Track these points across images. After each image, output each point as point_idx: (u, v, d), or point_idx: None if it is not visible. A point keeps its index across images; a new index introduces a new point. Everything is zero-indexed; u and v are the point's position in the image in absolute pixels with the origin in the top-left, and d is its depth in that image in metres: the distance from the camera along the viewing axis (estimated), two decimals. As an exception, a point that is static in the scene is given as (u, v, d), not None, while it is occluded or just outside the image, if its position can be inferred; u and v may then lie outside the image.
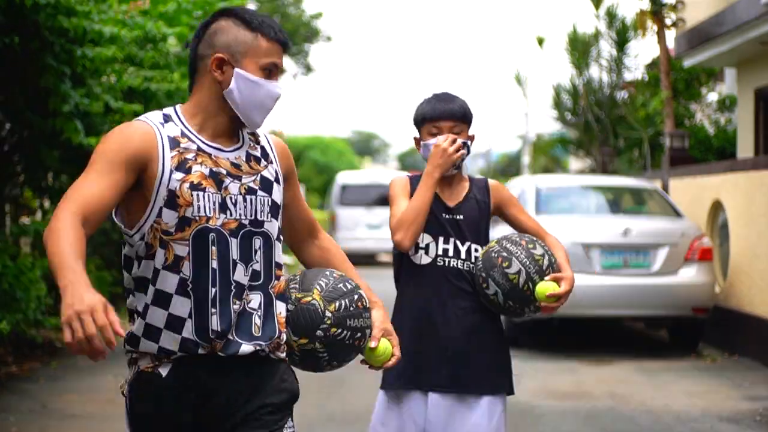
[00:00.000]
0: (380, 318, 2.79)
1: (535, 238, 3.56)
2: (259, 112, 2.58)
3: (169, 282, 2.51)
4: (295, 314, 2.66)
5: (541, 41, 20.14)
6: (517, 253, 3.46)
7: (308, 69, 26.95)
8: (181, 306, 2.50)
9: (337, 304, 2.65)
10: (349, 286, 2.69)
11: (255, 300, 2.57)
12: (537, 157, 28.61)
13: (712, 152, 13.94)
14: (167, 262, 2.50)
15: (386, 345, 2.80)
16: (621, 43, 17.19)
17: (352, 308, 2.66)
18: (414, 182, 3.67)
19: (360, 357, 2.84)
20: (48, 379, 7.88)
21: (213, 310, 2.49)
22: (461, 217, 3.60)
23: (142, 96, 8.49)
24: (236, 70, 2.53)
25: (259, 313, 2.56)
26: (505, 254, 3.46)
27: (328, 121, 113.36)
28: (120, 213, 2.56)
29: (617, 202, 10.62)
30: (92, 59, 7.34)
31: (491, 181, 3.75)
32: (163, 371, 2.52)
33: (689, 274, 9.31)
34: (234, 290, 2.52)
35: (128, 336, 2.58)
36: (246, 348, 2.53)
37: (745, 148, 12.76)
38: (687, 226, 9.60)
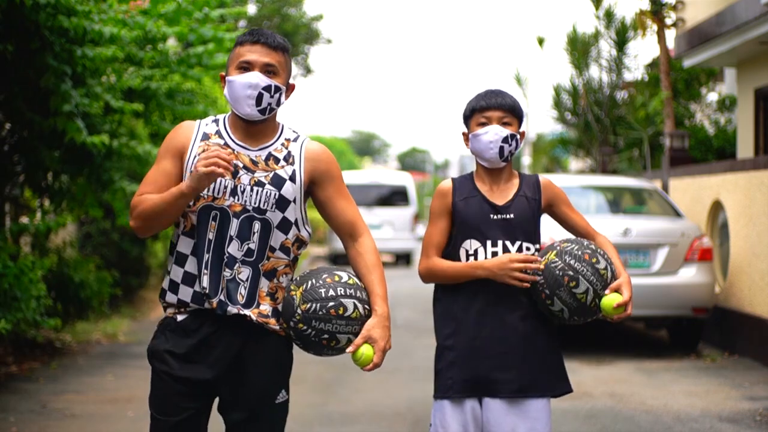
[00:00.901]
0: (369, 326, 3.09)
1: (596, 249, 3.48)
2: (243, 102, 3.10)
3: (185, 245, 3.14)
4: (283, 301, 3.14)
5: (541, 41, 20.14)
6: (583, 271, 3.40)
7: (308, 70, 26.93)
8: (192, 265, 3.12)
9: (309, 305, 3.05)
10: (330, 293, 3.06)
11: (245, 273, 3.10)
12: (537, 157, 28.60)
13: (712, 152, 13.94)
14: (185, 229, 3.13)
15: (364, 351, 3.06)
16: (621, 43, 17.18)
17: (321, 313, 3.04)
18: (458, 184, 3.63)
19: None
20: (48, 379, 7.88)
21: (204, 271, 3.08)
22: (511, 216, 3.55)
23: (142, 96, 8.49)
24: (226, 78, 3.15)
25: (245, 285, 3.10)
26: (571, 273, 3.39)
27: (328, 121, 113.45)
28: None
29: (617, 202, 10.62)
30: (92, 59, 7.34)
31: (542, 178, 3.68)
32: (180, 318, 3.14)
33: (689, 274, 9.31)
34: (226, 260, 3.08)
35: (161, 291, 3.21)
36: (231, 309, 3.07)
37: (745, 148, 12.76)
38: (687, 226, 9.60)
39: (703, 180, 10.75)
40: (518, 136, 3.58)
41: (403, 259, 23.20)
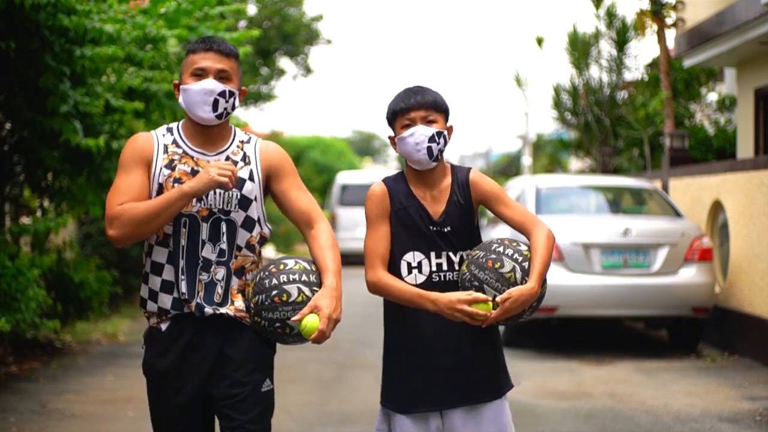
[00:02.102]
0: (317, 296, 3.16)
1: (503, 251, 3.34)
2: (199, 108, 3.24)
3: (160, 254, 3.26)
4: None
5: (541, 41, 20.12)
6: (486, 278, 3.31)
7: (308, 71, 26.91)
8: (170, 273, 3.24)
9: (257, 298, 3.20)
10: (273, 282, 3.18)
11: (220, 273, 3.26)
12: (537, 157, 28.62)
13: (712, 152, 13.93)
14: (159, 239, 3.26)
15: (308, 320, 3.11)
16: (621, 43, 17.17)
17: (267, 303, 3.18)
18: (392, 190, 3.48)
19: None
20: (48, 379, 7.88)
21: (182, 278, 3.22)
22: (448, 229, 3.44)
23: (142, 96, 8.49)
24: (180, 87, 3.29)
25: (222, 284, 3.25)
26: (476, 283, 3.32)
27: (328, 121, 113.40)
28: None
29: (617, 202, 10.62)
30: (91, 58, 7.34)
31: (472, 176, 3.52)
32: (163, 326, 3.28)
33: (689, 274, 9.31)
34: (201, 263, 3.23)
35: (140, 299, 3.34)
36: (208, 310, 3.22)
37: (745, 148, 12.76)
38: (687, 226, 9.60)
39: (703, 180, 10.74)
40: (445, 132, 3.45)
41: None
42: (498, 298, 3.29)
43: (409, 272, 3.44)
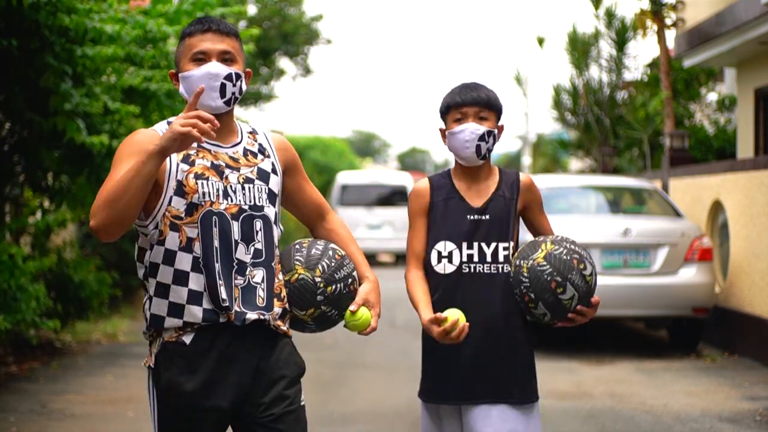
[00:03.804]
0: (365, 290, 3.04)
1: (582, 253, 3.34)
2: (205, 95, 2.87)
3: (184, 261, 2.84)
4: (292, 294, 3.00)
5: (541, 41, 20.13)
6: (571, 278, 3.27)
7: (307, 71, 26.90)
8: (198, 281, 2.84)
9: (320, 266, 2.99)
10: (320, 247, 3.02)
11: (259, 275, 2.90)
12: (537, 157, 28.62)
13: (712, 152, 13.94)
14: (182, 244, 2.84)
15: (364, 313, 3.02)
16: (621, 43, 17.17)
17: (333, 263, 3.00)
18: (435, 184, 3.53)
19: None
20: (48, 379, 7.88)
21: (220, 282, 2.83)
22: (487, 217, 3.44)
23: (142, 95, 8.49)
24: (179, 75, 2.94)
25: (262, 286, 2.90)
26: (559, 279, 3.26)
27: (328, 121, 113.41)
28: None
29: (617, 202, 10.62)
30: (92, 58, 7.34)
31: (522, 177, 3.55)
32: (187, 339, 2.85)
33: (689, 274, 9.31)
34: (236, 266, 2.87)
35: (150, 318, 2.89)
36: (251, 316, 2.86)
37: (745, 148, 12.76)
38: (687, 226, 9.60)
39: (703, 180, 10.75)
40: (496, 132, 3.47)
41: (403, 259, 23.19)
42: (579, 307, 3.31)
43: (439, 261, 3.44)
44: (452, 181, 3.53)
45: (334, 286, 2.99)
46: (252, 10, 24.29)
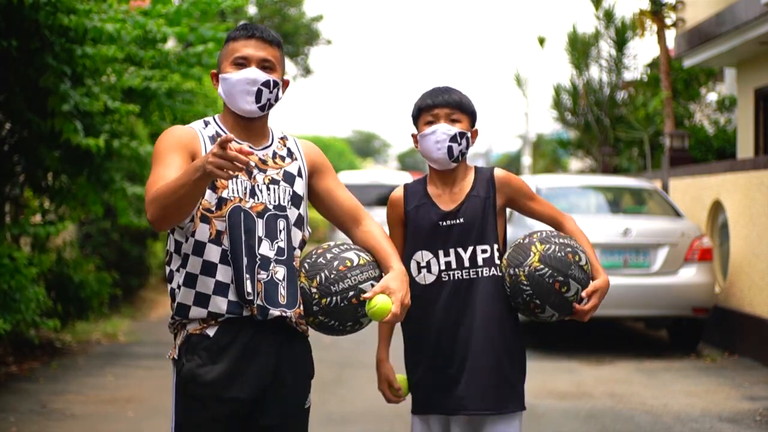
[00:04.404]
0: (387, 278, 3.00)
1: (574, 245, 3.27)
2: (242, 99, 3.01)
3: (213, 253, 2.94)
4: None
5: (541, 41, 20.15)
6: (572, 274, 3.21)
7: (307, 71, 26.92)
8: (225, 273, 2.93)
9: (318, 278, 3.00)
10: (328, 257, 3.02)
11: (281, 272, 2.98)
12: (537, 157, 28.61)
13: (712, 152, 13.94)
14: (211, 236, 2.95)
15: (380, 300, 2.95)
16: (621, 43, 17.18)
17: (332, 275, 2.99)
18: (409, 192, 3.44)
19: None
20: (48, 379, 7.88)
21: (247, 276, 2.92)
22: (461, 220, 3.35)
23: (142, 96, 8.49)
24: (220, 75, 3.07)
25: (284, 284, 2.98)
26: (561, 278, 3.20)
27: (328, 121, 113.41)
28: None
29: (617, 202, 10.62)
30: (92, 58, 7.34)
31: (497, 173, 3.44)
32: (210, 332, 2.95)
33: (689, 274, 9.31)
34: (259, 262, 2.95)
35: (177, 307, 2.99)
36: (274, 312, 2.94)
37: (745, 148, 12.76)
38: (687, 226, 9.60)
39: (703, 180, 10.75)
40: (469, 135, 3.36)
41: (403, 259, 23.14)
42: (583, 292, 3.24)
43: (419, 272, 3.37)
44: (426, 187, 3.45)
45: (329, 299, 2.99)
46: (252, 10, 24.30)
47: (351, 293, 2.99)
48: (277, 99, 3.05)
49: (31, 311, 7.38)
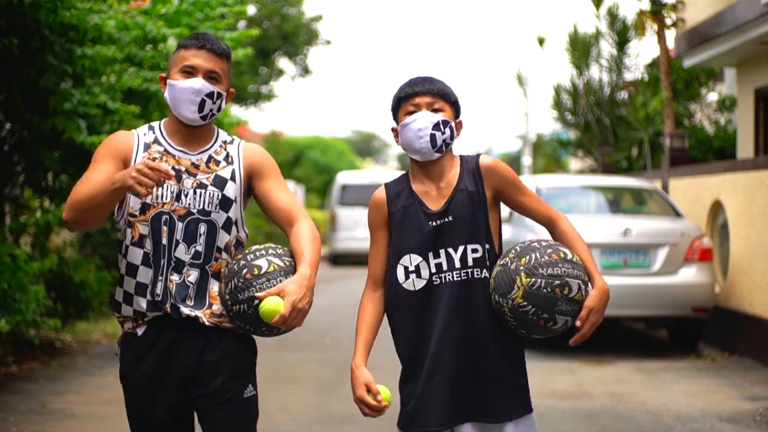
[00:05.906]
0: (287, 281, 3.02)
1: (563, 274, 3.01)
2: (185, 107, 3.14)
3: (136, 255, 3.15)
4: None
5: (541, 41, 20.14)
6: (558, 308, 3.01)
7: (306, 71, 26.91)
8: (145, 274, 3.14)
9: (230, 285, 3.08)
10: (241, 263, 3.09)
11: (193, 275, 3.14)
12: (537, 157, 28.62)
13: (712, 152, 13.94)
14: (134, 239, 3.15)
15: (269, 301, 2.97)
16: (621, 43, 17.18)
17: (240, 283, 3.06)
18: (392, 191, 3.21)
19: None
20: (48, 379, 7.88)
21: (159, 278, 3.12)
22: (450, 219, 3.10)
23: (142, 96, 8.49)
24: (168, 81, 3.19)
25: (194, 287, 3.13)
26: (546, 315, 3.01)
27: (328, 121, 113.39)
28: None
29: (617, 202, 10.62)
30: (92, 58, 7.34)
31: (482, 160, 3.17)
32: (140, 331, 3.17)
33: (689, 274, 9.31)
34: (173, 264, 3.12)
35: (114, 304, 3.24)
36: (184, 310, 3.11)
37: (745, 148, 12.76)
38: (687, 226, 9.60)
39: (703, 180, 10.75)
40: (453, 124, 3.12)
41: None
42: (577, 322, 3.06)
43: (407, 277, 3.12)
44: (410, 185, 3.19)
45: (238, 306, 3.07)
46: (252, 10, 24.29)
47: (256, 301, 3.03)
48: (219, 109, 3.20)
49: (31, 311, 7.39)
